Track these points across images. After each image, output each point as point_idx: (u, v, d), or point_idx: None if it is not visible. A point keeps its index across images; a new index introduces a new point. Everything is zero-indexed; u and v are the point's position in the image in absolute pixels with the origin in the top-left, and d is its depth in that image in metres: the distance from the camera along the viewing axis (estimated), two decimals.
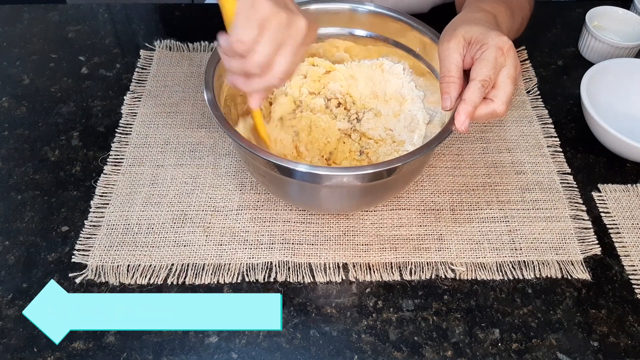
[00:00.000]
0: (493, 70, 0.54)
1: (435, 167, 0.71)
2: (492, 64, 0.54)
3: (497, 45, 0.54)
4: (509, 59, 0.54)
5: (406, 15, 0.67)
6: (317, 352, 0.56)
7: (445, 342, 0.57)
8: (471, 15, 0.61)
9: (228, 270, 0.61)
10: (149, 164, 0.71)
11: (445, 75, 0.56)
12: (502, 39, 0.55)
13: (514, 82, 0.55)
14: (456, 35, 0.57)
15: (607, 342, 0.57)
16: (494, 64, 0.54)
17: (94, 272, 0.61)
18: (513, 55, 0.55)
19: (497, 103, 0.54)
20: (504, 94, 0.54)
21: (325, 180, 0.56)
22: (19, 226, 0.65)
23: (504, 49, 0.54)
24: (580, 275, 0.62)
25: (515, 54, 0.55)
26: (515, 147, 0.74)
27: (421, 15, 0.74)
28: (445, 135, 0.55)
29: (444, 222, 0.66)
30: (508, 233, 0.65)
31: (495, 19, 0.62)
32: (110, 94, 0.80)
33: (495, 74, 0.54)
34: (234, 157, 0.72)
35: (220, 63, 0.59)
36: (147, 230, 0.64)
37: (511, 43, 0.55)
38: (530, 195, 0.69)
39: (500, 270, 0.62)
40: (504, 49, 0.54)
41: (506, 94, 0.54)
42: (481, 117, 0.55)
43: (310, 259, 0.62)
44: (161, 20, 0.93)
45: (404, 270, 0.62)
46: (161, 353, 0.55)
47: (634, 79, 0.78)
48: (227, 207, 0.67)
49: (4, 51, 0.86)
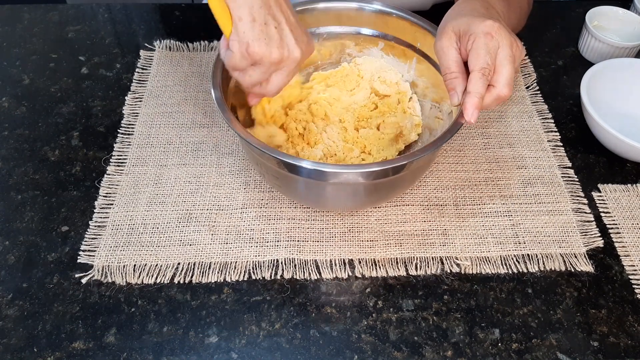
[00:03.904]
0: (488, 56, 0.54)
1: (438, 163, 0.72)
2: (484, 51, 0.54)
3: (484, 31, 0.54)
4: (501, 39, 0.54)
5: (409, 13, 0.68)
6: (317, 352, 0.56)
7: (445, 342, 0.57)
8: (459, 7, 0.61)
9: (234, 269, 0.61)
10: (152, 164, 0.71)
11: (446, 73, 0.57)
12: (486, 24, 0.54)
13: (512, 61, 0.54)
14: (447, 32, 0.57)
15: (607, 342, 0.57)
16: (487, 50, 0.54)
17: (100, 272, 0.61)
18: (504, 34, 0.54)
19: (499, 87, 0.54)
20: (504, 77, 0.54)
21: (331, 178, 0.56)
22: (19, 226, 0.65)
23: (492, 32, 0.54)
24: (583, 268, 0.62)
25: (506, 33, 0.55)
26: (516, 142, 0.75)
27: (423, 12, 0.74)
28: (455, 130, 0.56)
29: (448, 218, 0.66)
30: (511, 227, 0.65)
31: (486, 2, 0.61)
32: (110, 94, 0.80)
33: (492, 59, 0.54)
34: (237, 155, 0.72)
35: None
36: (152, 230, 0.64)
37: (499, 24, 0.55)
38: (532, 190, 0.69)
39: (504, 264, 0.63)
40: (492, 32, 0.54)
41: (506, 76, 0.54)
42: (488, 105, 0.55)
43: (316, 255, 0.63)
44: (161, 20, 0.93)
45: (410, 265, 0.62)
46: (161, 353, 0.55)
47: (634, 79, 0.78)
48: (232, 205, 0.67)
49: (4, 51, 0.86)
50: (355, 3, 0.69)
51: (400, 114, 0.70)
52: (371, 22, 0.70)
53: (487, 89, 0.54)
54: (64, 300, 0.59)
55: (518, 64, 0.56)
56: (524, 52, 0.57)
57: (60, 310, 0.58)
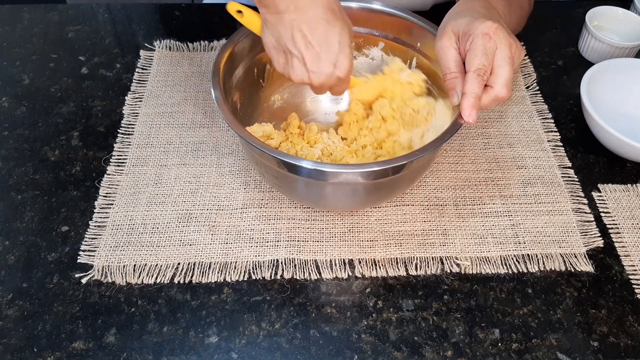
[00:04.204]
0: (485, 57, 0.54)
1: (438, 163, 0.72)
2: (481, 52, 0.54)
3: (482, 32, 0.54)
4: (499, 40, 0.54)
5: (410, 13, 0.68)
6: (317, 352, 0.56)
7: (445, 342, 0.57)
8: (460, 7, 0.61)
9: (234, 269, 0.61)
10: (152, 164, 0.71)
11: (446, 73, 0.57)
12: (485, 25, 0.54)
13: (510, 62, 0.54)
14: (446, 32, 0.57)
15: (607, 342, 0.57)
16: (484, 51, 0.54)
17: (100, 272, 0.61)
18: (503, 35, 0.54)
19: (497, 88, 0.54)
20: (502, 78, 0.54)
21: (331, 177, 0.56)
22: (19, 226, 0.65)
23: (490, 33, 0.54)
24: (583, 268, 0.62)
25: (505, 33, 0.55)
26: (516, 142, 0.75)
27: (423, 12, 0.74)
28: (454, 130, 0.56)
29: (448, 218, 0.66)
30: (511, 227, 0.66)
31: (487, 3, 0.61)
32: (110, 94, 0.80)
33: (488, 60, 0.54)
34: (237, 155, 0.72)
35: (225, 62, 0.61)
36: (152, 230, 0.64)
37: (498, 25, 0.55)
38: (532, 190, 0.69)
39: (504, 264, 0.63)
40: (490, 33, 0.54)
41: (504, 77, 0.54)
42: (486, 105, 0.55)
43: (316, 255, 0.63)
44: (161, 20, 0.93)
45: (410, 265, 0.62)
46: (161, 353, 0.55)
47: (634, 79, 0.78)
48: (232, 205, 0.67)
49: (4, 51, 0.86)
50: (356, 3, 0.69)
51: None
52: (372, 22, 0.70)
53: (485, 89, 0.54)
54: (64, 300, 0.59)
55: (517, 64, 0.56)
56: (524, 53, 0.57)
57: (60, 310, 0.58)
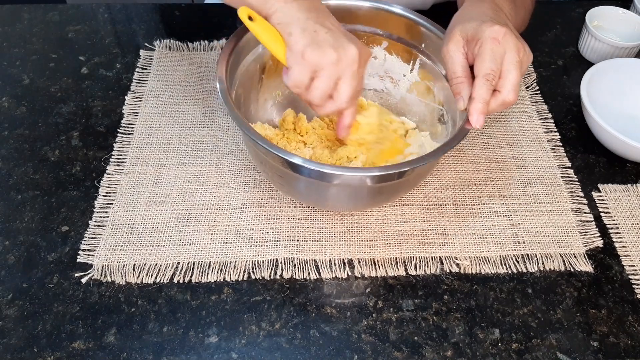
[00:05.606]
0: (493, 62, 0.54)
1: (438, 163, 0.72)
2: (490, 57, 0.54)
3: (490, 36, 0.54)
4: (507, 45, 0.54)
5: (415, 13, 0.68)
6: (317, 352, 0.56)
7: (445, 342, 0.57)
8: (468, 10, 0.61)
9: (234, 268, 0.61)
10: (151, 164, 0.71)
11: (452, 78, 0.57)
12: (494, 29, 0.54)
13: (518, 66, 0.54)
14: (454, 36, 0.57)
15: (607, 342, 0.57)
16: (492, 56, 0.54)
17: (100, 271, 0.61)
18: (511, 40, 0.54)
19: (504, 92, 0.54)
20: (510, 82, 0.54)
21: (336, 180, 0.56)
22: (19, 226, 0.65)
23: (499, 37, 0.54)
24: (583, 268, 0.62)
25: (513, 38, 0.55)
26: (516, 142, 0.75)
27: (423, 12, 0.74)
28: (462, 136, 0.56)
29: (448, 217, 0.66)
30: (511, 227, 0.66)
31: (494, 5, 0.61)
32: (110, 94, 0.80)
33: (497, 65, 0.54)
34: (237, 155, 0.72)
35: (229, 60, 0.61)
36: (151, 230, 0.64)
37: (506, 29, 0.55)
38: (531, 190, 0.69)
39: (504, 264, 0.63)
40: (499, 37, 0.54)
41: (512, 82, 0.54)
42: (494, 109, 0.55)
43: (315, 255, 0.63)
44: (161, 20, 0.93)
45: (409, 265, 0.62)
46: (161, 353, 0.55)
47: (634, 79, 0.78)
48: (232, 205, 0.67)
49: (4, 51, 0.86)
50: (361, 2, 0.69)
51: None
52: (375, 21, 0.70)
53: (492, 94, 0.54)
54: (64, 300, 0.59)
55: (525, 68, 0.56)
56: (532, 57, 0.57)
57: (60, 310, 0.58)
